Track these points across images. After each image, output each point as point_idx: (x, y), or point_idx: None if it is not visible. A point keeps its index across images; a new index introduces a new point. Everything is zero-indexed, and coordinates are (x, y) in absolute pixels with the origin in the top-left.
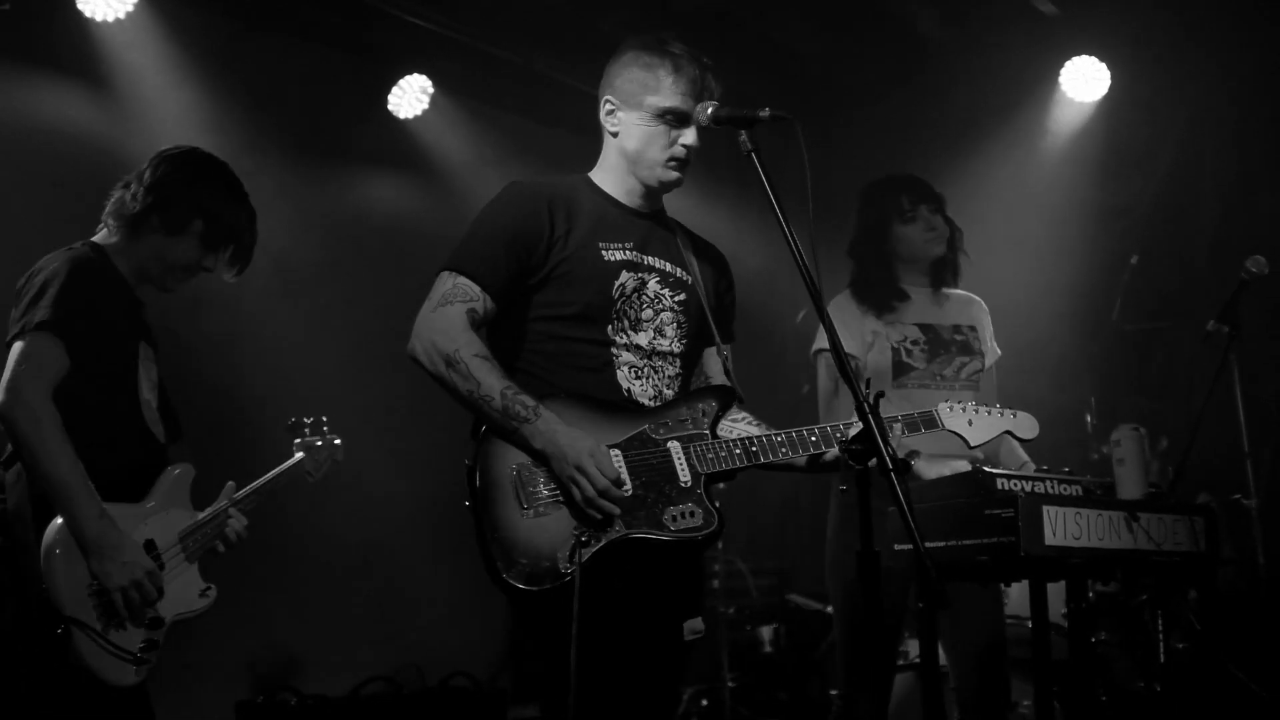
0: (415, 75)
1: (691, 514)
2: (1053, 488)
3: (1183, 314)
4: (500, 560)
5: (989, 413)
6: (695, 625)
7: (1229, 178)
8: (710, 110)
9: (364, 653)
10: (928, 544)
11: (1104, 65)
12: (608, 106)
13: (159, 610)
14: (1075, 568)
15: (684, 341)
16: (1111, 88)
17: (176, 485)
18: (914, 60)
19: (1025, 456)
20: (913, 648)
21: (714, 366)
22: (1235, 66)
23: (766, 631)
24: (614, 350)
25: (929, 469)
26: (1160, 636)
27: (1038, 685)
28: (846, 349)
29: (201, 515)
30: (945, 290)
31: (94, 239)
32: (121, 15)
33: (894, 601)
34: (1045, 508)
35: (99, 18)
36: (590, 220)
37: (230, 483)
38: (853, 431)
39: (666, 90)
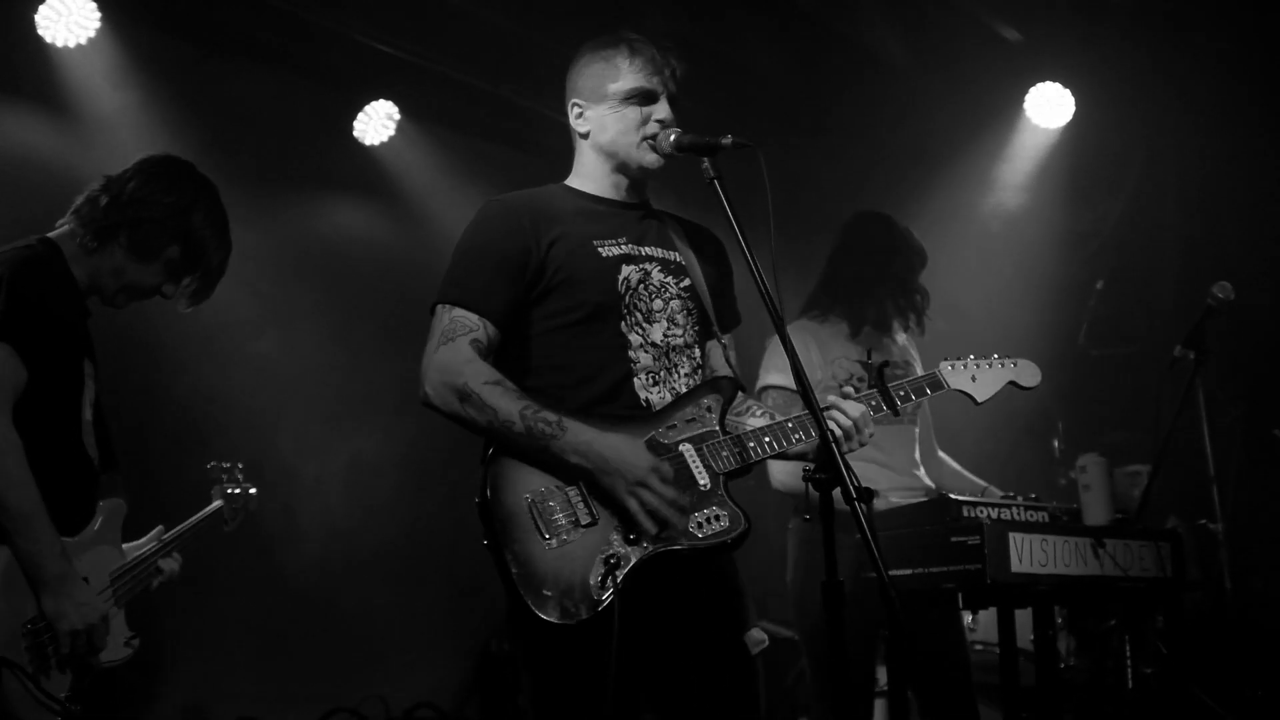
0: (381, 101)
1: (717, 518)
2: (1019, 514)
3: (1148, 339)
4: (530, 598)
5: (990, 365)
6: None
7: (1194, 203)
8: (673, 138)
9: (328, 684)
10: (893, 572)
11: (1068, 91)
12: (575, 110)
13: (94, 658)
14: (1042, 594)
15: (696, 329)
16: (1076, 114)
17: (110, 521)
18: (879, 86)
19: (984, 484)
20: (881, 675)
21: (717, 358)
22: (1199, 92)
23: None
24: (631, 354)
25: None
26: (1128, 662)
27: (1006, 712)
28: (809, 372)
29: (131, 557)
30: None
31: (51, 235)
32: (83, 40)
33: (864, 630)
34: (1011, 534)
35: (60, 43)
36: (578, 221)
37: (159, 526)
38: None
39: (626, 73)
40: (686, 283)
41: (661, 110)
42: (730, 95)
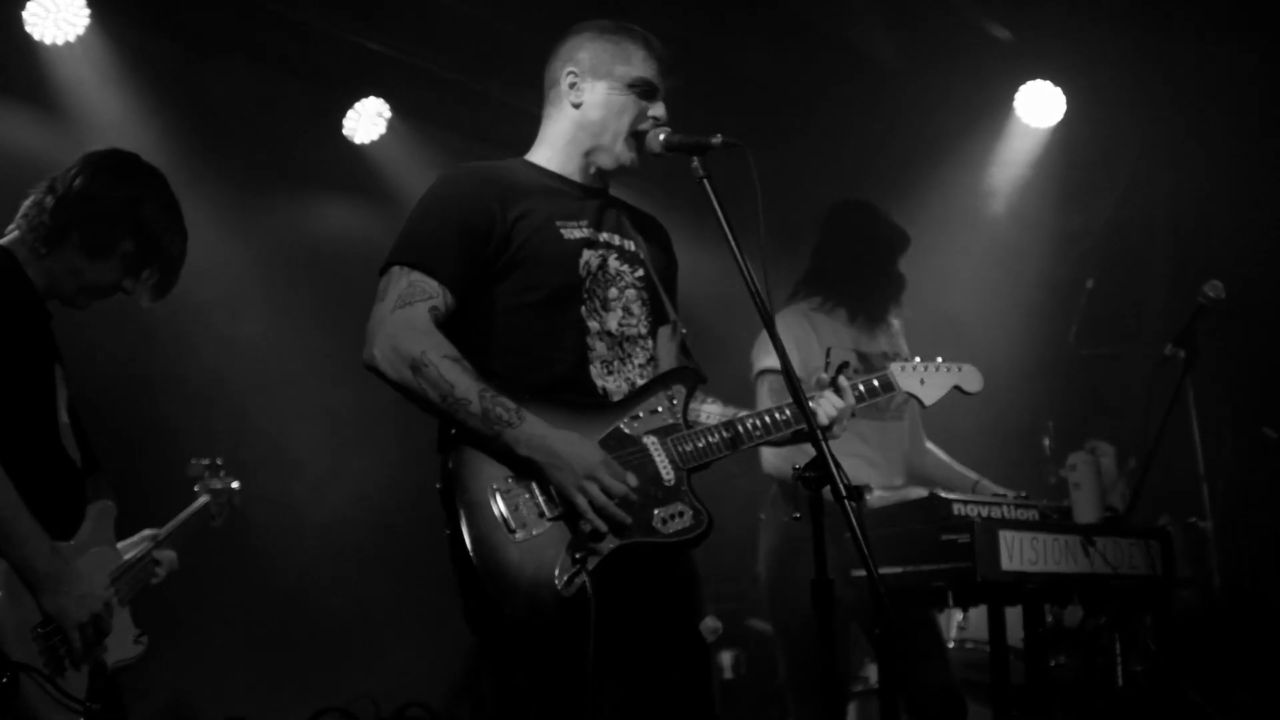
0: (371, 99)
1: (681, 514)
2: (1009, 512)
3: (1139, 338)
4: (496, 593)
5: (936, 369)
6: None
7: (1185, 202)
8: (663, 137)
9: (317, 683)
10: (883, 570)
11: (1059, 90)
12: (570, 79)
13: (104, 656)
14: (1032, 592)
15: (650, 320)
16: (1066, 113)
17: (101, 522)
18: (868, 85)
19: (975, 476)
20: (871, 672)
21: (671, 347)
22: (1190, 90)
23: (726, 657)
24: (588, 340)
25: (882, 504)
26: (1118, 660)
27: (996, 710)
28: (808, 360)
29: (128, 556)
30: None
31: (2, 241)
32: (71, 38)
33: (839, 628)
34: (1001, 532)
35: (48, 40)
36: (543, 200)
37: (147, 530)
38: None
39: (639, 62)
40: (641, 273)
41: (659, 109)
42: (719, 93)
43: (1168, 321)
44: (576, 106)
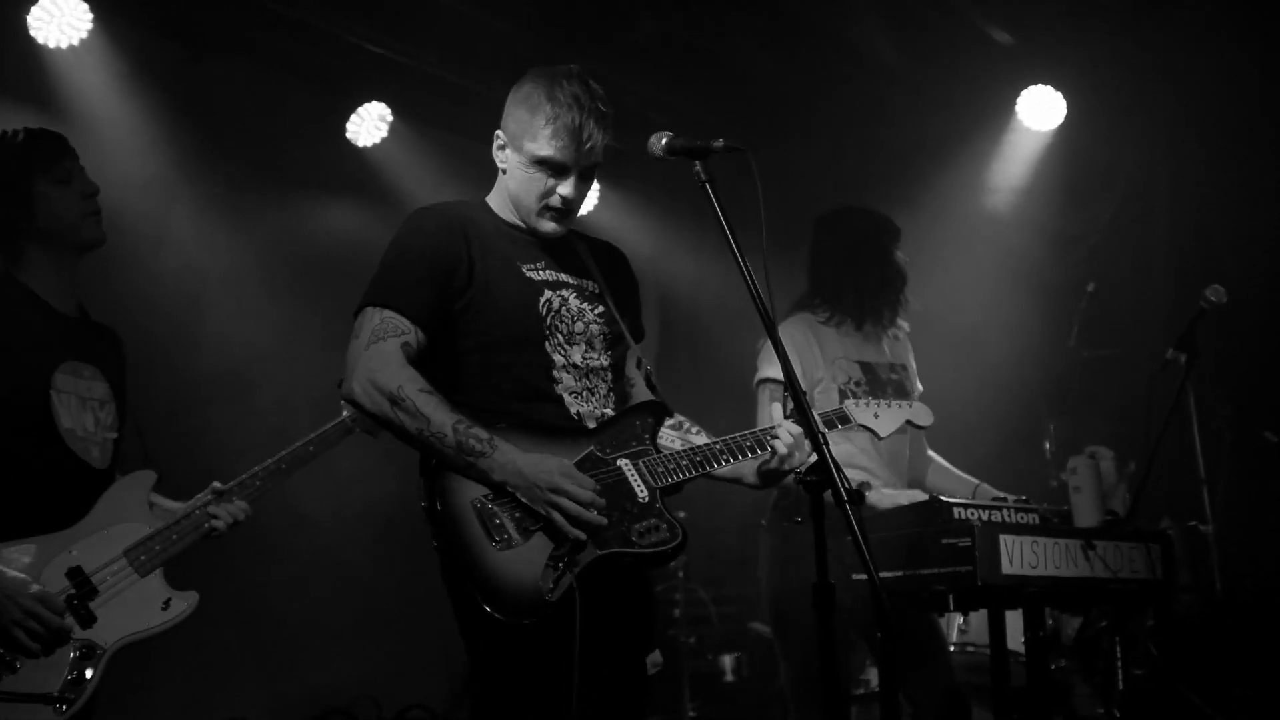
0: (374, 103)
1: (656, 528)
2: (1009, 516)
3: (1139, 341)
4: (483, 598)
5: (888, 405)
6: (655, 659)
7: (1186, 205)
8: (665, 141)
9: (319, 684)
10: (883, 574)
11: (1059, 94)
12: (498, 141)
13: (95, 638)
14: (1032, 596)
15: (609, 354)
16: (1067, 116)
17: (123, 498)
18: (870, 89)
19: (975, 481)
20: (872, 676)
21: (638, 380)
22: (1191, 93)
23: (728, 660)
24: (555, 373)
25: (883, 500)
26: (1119, 663)
27: (997, 713)
28: (811, 371)
29: (161, 524)
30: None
31: None
32: (75, 42)
33: (841, 631)
34: (1002, 536)
35: (52, 44)
36: (503, 242)
37: (215, 483)
38: (783, 438)
39: (542, 139)
40: (601, 309)
41: (567, 187)
42: (719, 94)
43: (1169, 325)
44: (503, 171)
